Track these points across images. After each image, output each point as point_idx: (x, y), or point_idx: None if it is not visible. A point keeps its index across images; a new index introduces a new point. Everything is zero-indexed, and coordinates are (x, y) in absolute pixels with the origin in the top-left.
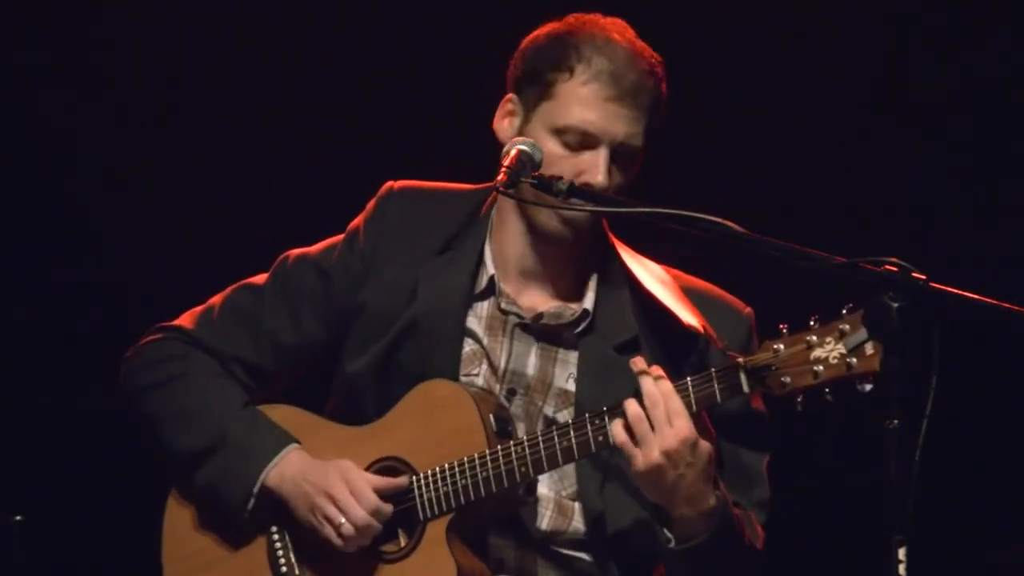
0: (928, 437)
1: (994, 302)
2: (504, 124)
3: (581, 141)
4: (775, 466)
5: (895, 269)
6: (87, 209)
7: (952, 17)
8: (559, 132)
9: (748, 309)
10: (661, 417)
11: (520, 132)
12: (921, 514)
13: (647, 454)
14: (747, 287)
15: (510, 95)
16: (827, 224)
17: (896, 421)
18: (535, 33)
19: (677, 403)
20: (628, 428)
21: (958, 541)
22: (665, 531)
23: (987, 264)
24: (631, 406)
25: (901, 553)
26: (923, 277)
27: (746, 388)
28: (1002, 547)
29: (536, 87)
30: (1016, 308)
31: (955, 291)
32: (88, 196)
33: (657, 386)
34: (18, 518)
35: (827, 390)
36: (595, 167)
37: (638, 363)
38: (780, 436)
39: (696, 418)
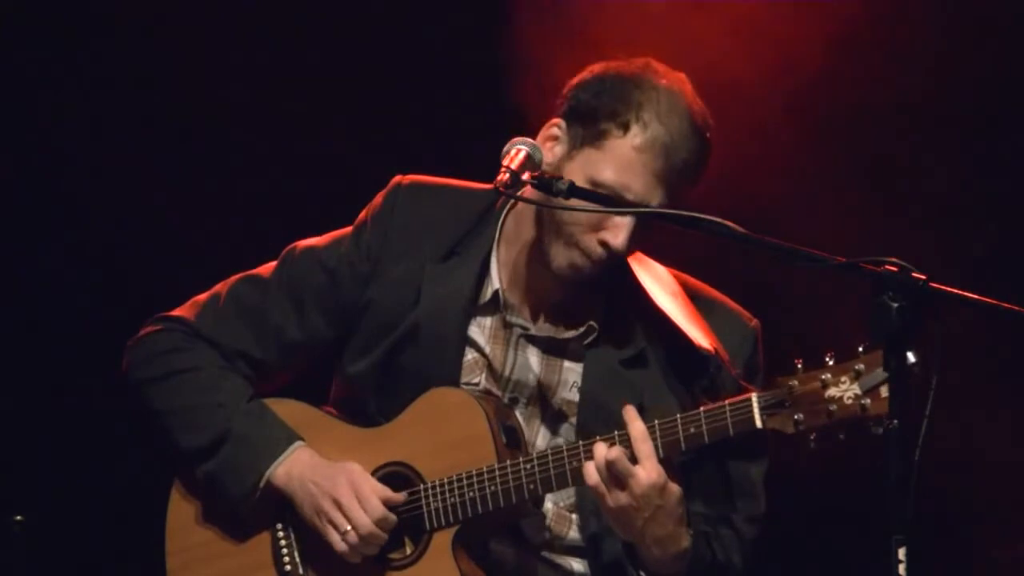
0: (928, 437)
1: (994, 302)
2: (547, 147)
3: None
4: (775, 466)
5: (895, 269)
6: (85, 205)
7: (963, 16)
8: (595, 184)
9: (755, 321)
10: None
11: (560, 164)
12: (921, 514)
13: (615, 496)
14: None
15: (558, 120)
16: (827, 224)
17: (896, 421)
18: (600, 68)
19: (647, 447)
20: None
21: (958, 541)
22: (638, 571)
23: (987, 264)
24: (600, 449)
25: (901, 553)
26: (923, 277)
27: (759, 423)
28: (1002, 547)
29: (587, 128)
30: (1016, 308)
31: (955, 291)
32: (86, 190)
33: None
34: (18, 518)
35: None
36: (619, 229)
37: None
38: (780, 436)
39: (704, 447)
